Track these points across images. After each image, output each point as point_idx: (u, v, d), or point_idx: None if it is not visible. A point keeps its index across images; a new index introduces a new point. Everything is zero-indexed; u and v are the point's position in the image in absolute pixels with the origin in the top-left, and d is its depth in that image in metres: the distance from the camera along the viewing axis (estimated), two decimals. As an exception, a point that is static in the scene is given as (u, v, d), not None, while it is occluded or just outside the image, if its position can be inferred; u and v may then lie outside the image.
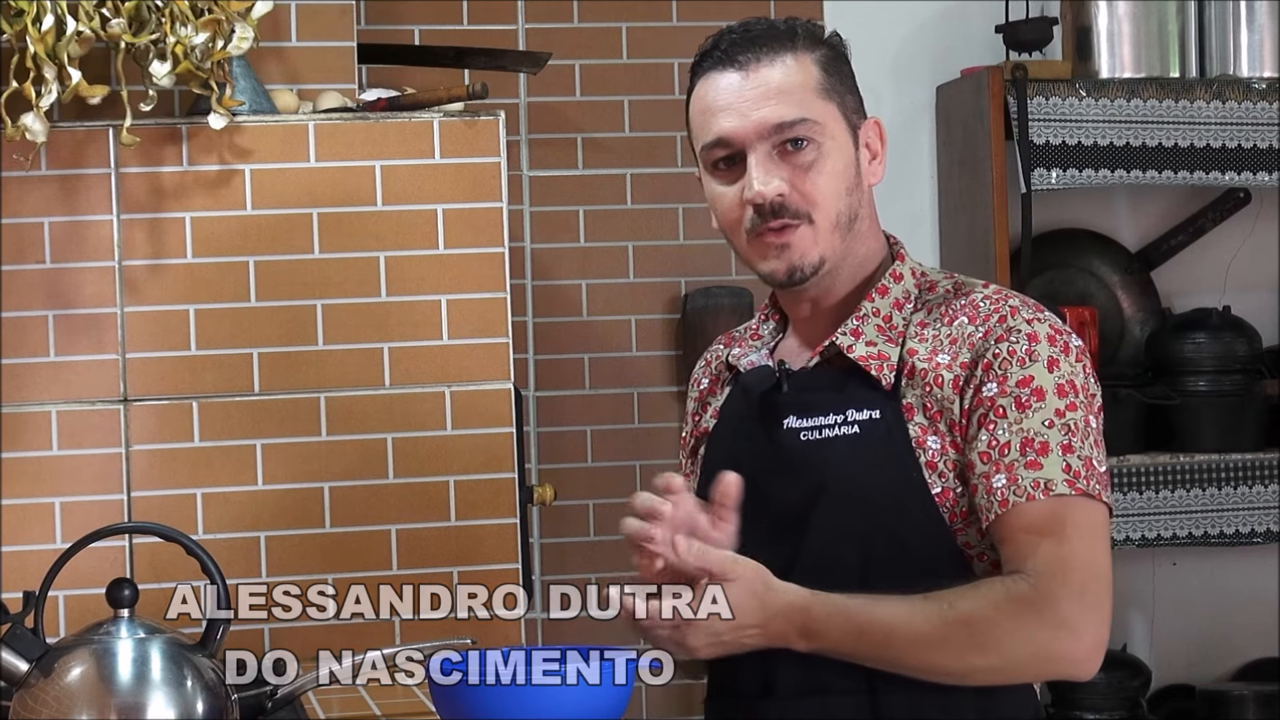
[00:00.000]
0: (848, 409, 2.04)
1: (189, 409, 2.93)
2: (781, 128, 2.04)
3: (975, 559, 2.02)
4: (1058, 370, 1.99)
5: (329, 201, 2.97)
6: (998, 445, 1.97)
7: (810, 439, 2.05)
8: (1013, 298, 2.06)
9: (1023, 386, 1.98)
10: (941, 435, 2.01)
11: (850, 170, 2.08)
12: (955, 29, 4.00)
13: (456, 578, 2.97)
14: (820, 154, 2.05)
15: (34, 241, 2.91)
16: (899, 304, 2.09)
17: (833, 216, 2.06)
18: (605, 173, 3.88)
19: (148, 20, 2.80)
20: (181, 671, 1.95)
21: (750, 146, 2.06)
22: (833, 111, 2.07)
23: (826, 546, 2.02)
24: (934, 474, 2.00)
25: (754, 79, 2.06)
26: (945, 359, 2.02)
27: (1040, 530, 1.94)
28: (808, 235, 2.06)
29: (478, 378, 3.00)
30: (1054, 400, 1.97)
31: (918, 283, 2.12)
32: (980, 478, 1.97)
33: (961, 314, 2.05)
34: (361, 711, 2.40)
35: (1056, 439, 1.96)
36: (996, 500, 1.96)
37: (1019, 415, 1.97)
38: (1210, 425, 3.87)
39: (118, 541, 2.88)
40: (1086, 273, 4.08)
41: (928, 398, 2.02)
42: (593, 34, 3.87)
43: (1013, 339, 2.00)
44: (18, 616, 1.98)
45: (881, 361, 2.05)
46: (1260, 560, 4.08)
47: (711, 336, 3.83)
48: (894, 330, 2.07)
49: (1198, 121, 3.80)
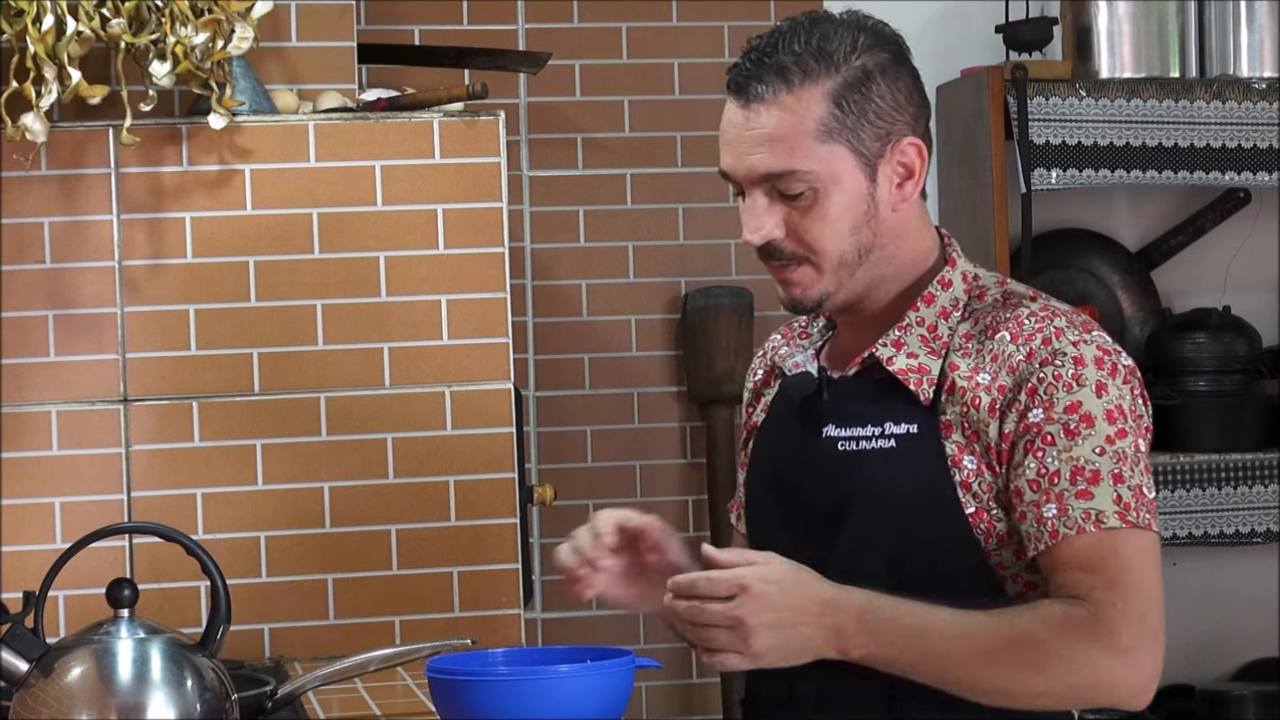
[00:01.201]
0: (885, 421, 2.01)
1: (189, 409, 2.93)
2: (770, 177, 2.00)
3: (1009, 579, 1.99)
4: (1106, 395, 1.95)
5: (329, 201, 2.97)
6: (1047, 474, 1.93)
7: (847, 449, 2.03)
8: (1059, 316, 2.00)
9: (1071, 413, 1.94)
10: (978, 456, 1.97)
11: (857, 207, 2.01)
12: (955, 29, 4.00)
13: (456, 578, 2.97)
14: (818, 198, 2.00)
15: (34, 241, 2.91)
16: (945, 313, 2.05)
17: (835, 257, 2.02)
18: (605, 173, 3.88)
19: (148, 20, 2.80)
20: (181, 671, 1.95)
21: (746, 188, 2.03)
22: (837, 151, 2.00)
23: (855, 558, 2.00)
24: (968, 494, 1.97)
25: (752, 120, 2.01)
26: (985, 379, 1.98)
27: (1092, 563, 1.91)
28: (809, 274, 2.04)
29: (478, 378, 3.00)
30: (1104, 427, 1.94)
31: (968, 289, 2.07)
32: (1030, 506, 1.94)
33: (1004, 328, 2.00)
34: (361, 711, 2.40)
35: (1107, 467, 1.92)
36: (1047, 531, 1.92)
37: (1068, 443, 1.93)
38: (1210, 425, 3.87)
39: (118, 541, 2.88)
40: (1086, 273, 4.08)
41: (965, 417, 1.98)
42: (593, 34, 3.86)
43: (1058, 363, 1.95)
44: (18, 616, 1.98)
45: (921, 375, 2.01)
46: (1260, 560, 4.08)
47: (712, 336, 3.86)
48: (938, 341, 2.03)
49: (1198, 121, 3.80)
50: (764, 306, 3.89)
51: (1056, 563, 1.92)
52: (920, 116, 2.06)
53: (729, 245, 3.91)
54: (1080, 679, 1.88)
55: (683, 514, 3.86)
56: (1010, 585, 1.99)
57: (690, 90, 3.89)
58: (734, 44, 3.87)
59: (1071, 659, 1.88)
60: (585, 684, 1.86)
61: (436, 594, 2.96)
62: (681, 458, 3.88)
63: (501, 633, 2.96)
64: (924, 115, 2.07)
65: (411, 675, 2.62)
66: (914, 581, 1.97)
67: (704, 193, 3.90)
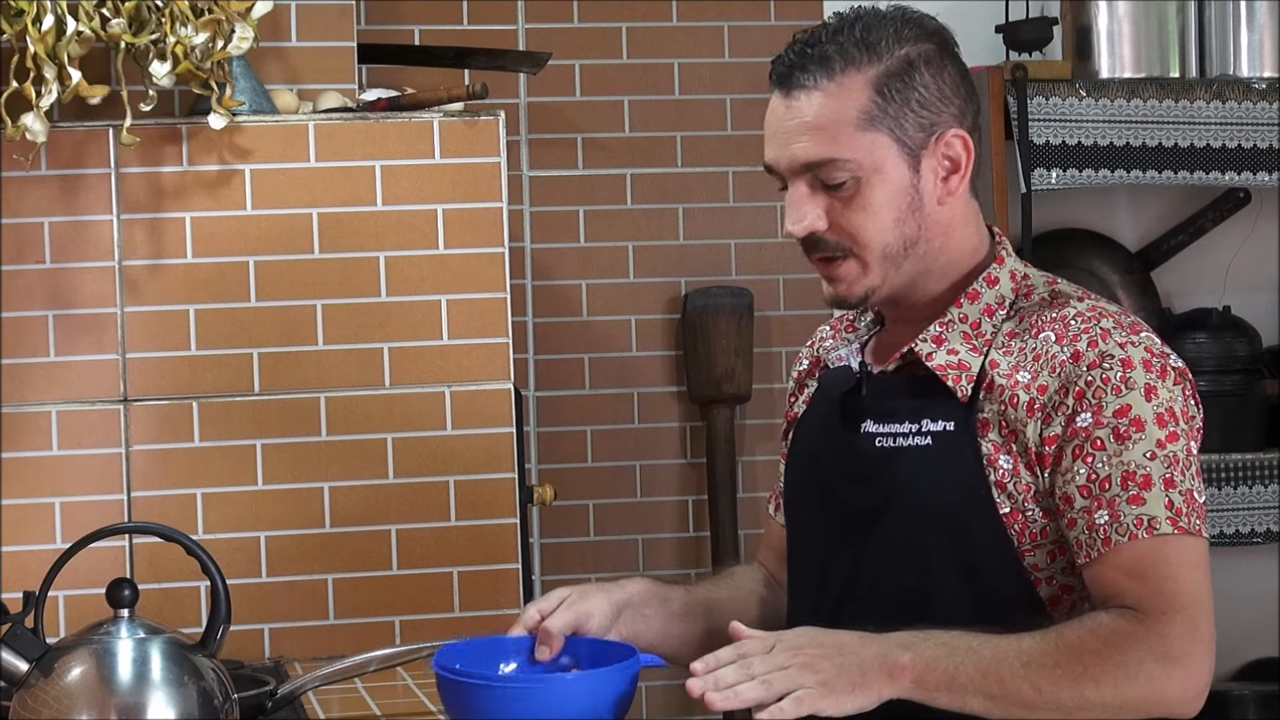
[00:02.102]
0: (923, 419, 1.99)
1: (189, 409, 2.93)
2: (810, 166, 1.99)
3: (1043, 582, 1.96)
4: (1156, 398, 1.92)
5: (329, 201, 2.97)
6: (1098, 479, 1.90)
7: (884, 446, 2.01)
8: (1105, 318, 1.97)
9: (1120, 416, 1.91)
10: (1015, 456, 1.95)
11: (902, 198, 1.99)
12: (955, 29, 3.93)
13: (456, 578, 2.97)
14: (860, 188, 1.98)
15: (34, 241, 2.91)
16: (990, 310, 2.03)
17: (878, 249, 2.00)
18: (605, 173, 3.88)
19: (148, 20, 2.80)
20: (181, 671, 1.95)
21: (789, 179, 2.01)
22: (879, 140, 1.98)
23: (890, 555, 1.99)
24: (1002, 494, 1.95)
25: (793, 109, 1.99)
26: (1025, 377, 1.95)
27: (1143, 570, 1.87)
28: (853, 268, 2.01)
29: (478, 378, 3.00)
30: (1154, 430, 1.91)
31: (1015, 287, 2.05)
32: (1080, 513, 1.91)
33: (1049, 328, 1.98)
34: (361, 711, 2.40)
35: (1159, 472, 1.89)
36: (1099, 538, 1.89)
37: (1119, 447, 1.90)
38: (1210, 425, 3.81)
39: (118, 541, 2.88)
40: (1086, 273, 4.08)
41: (1003, 416, 1.96)
42: (593, 34, 3.86)
43: (1105, 365, 1.92)
44: (18, 616, 1.98)
45: (960, 372, 1.99)
46: (1260, 560, 4.08)
47: (711, 336, 3.86)
48: (981, 338, 2.01)
49: (1198, 121, 3.80)
50: (764, 306, 3.89)
51: (1107, 569, 1.89)
52: (967, 111, 2.04)
53: (729, 245, 3.91)
54: (1135, 689, 1.83)
55: (683, 514, 3.86)
56: (1044, 588, 1.96)
57: (690, 90, 3.89)
58: (734, 44, 3.87)
59: (1125, 668, 1.83)
60: (591, 687, 1.85)
61: (436, 594, 2.96)
62: (681, 458, 3.88)
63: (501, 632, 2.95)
64: (971, 110, 2.05)
65: (412, 675, 2.62)
66: (946, 579, 1.95)
67: (704, 193, 3.90)
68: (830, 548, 1.95)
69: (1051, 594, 1.96)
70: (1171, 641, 1.85)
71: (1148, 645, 1.84)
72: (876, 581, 1.92)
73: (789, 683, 1.77)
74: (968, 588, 1.94)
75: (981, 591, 1.93)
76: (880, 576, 1.92)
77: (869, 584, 1.95)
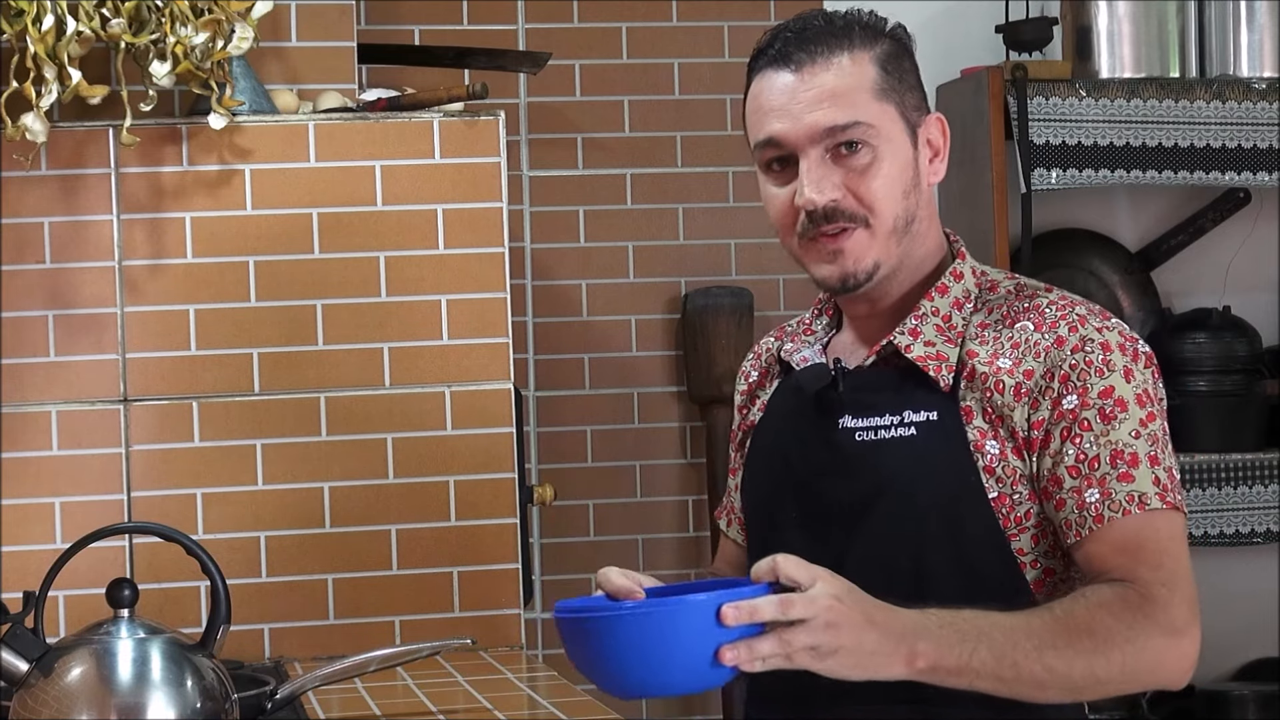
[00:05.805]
0: (905, 410, 2.02)
1: (189, 409, 2.93)
2: (834, 131, 2.01)
3: (1027, 566, 2.00)
4: (1134, 380, 1.98)
5: (329, 201, 2.97)
6: (1086, 459, 1.95)
7: (866, 440, 2.03)
8: (1079, 305, 2.04)
9: (1105, 397, 1.96)
10: (1001, 441, 1.98)
11: (908, 172, 2.04)
12: (955, 29, 4.00)
13: (456, 578, 2.97)
14: (876, 157, 2.02)
15: (34, 241, 2.91)
16: (959, 303, 2.07)
17: (890, 220, 2.03)
18: (605, 173, 3.88)
19: (148, 20, 2.80)
20: (181, 671, 1.95)
21: (802, 150, 2.03)
22: (890, 112, 2.03)
23: (879, 548, 2.00)
24: (991, 479, 1.98)
25: (808, 80, 2.02)
26: (1007, 363, 2.00)
27: (1137, 545, 1.92)
28: (863, 240, 2.03)
29: (478, 378, 3.00)
30: (1136, 410, 1.96)
31: (978, 282, 2.10)
32: (1070, 493, 1.95)
33: (1025, 318, 2.03)
34: (361, 711, 2.40)
35: (1144, 450, 1.95)
36: (1091, 515, 1.93)
37: (1105, 427, 1.95)
38: (1210, 425, 3.87)
39: (118, 541, 2.88)
40: (1086, 273, 4.08)
41: (988, 402, 1.99)
42: (593, 34, 3.87)
43: (1087, 349, 1.98)
44: (18, 616, 1.98)
45: (940, 362, 2.02)
46: (1260, 560, 4.08)
47: (711, 336, 3.86)
48: (953, 330, 2.05)
49: (1198, 121, 3.80)
50: (764, 306, 3.89)
51: (1099, 547, 1.93)
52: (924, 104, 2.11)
53: (729, 245, 3.91)
54: (1140, 661, 1.88)
55: (682, 514, 3.86)
56: (1029, 571, 2.00)
57: (690, 90, 3.89)
58: (734, 44, 3.87)
59: (1132, 641, 1.87)
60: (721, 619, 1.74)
61: (436, 594, 2.96)
62: (681, 458, 3.88)
63: (501, 632, 2.96)
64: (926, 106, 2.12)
65: (412, 675, 2.62)
66: (938, 568, 1.97)
67: (704, 193, 3.90)
68: (812, 541, 1.96)
69: (1035, 577, 2.00)
70: (1173, 613, 1.89)
71: (1154, 620, 1.88)
72: (863, 573, 1.92)
73: (818, 663, 1.77)
74: (959, 572, 1.97)
75: (972, 576, 1.96)
76: (867, 568, 1.93)
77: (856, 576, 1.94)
